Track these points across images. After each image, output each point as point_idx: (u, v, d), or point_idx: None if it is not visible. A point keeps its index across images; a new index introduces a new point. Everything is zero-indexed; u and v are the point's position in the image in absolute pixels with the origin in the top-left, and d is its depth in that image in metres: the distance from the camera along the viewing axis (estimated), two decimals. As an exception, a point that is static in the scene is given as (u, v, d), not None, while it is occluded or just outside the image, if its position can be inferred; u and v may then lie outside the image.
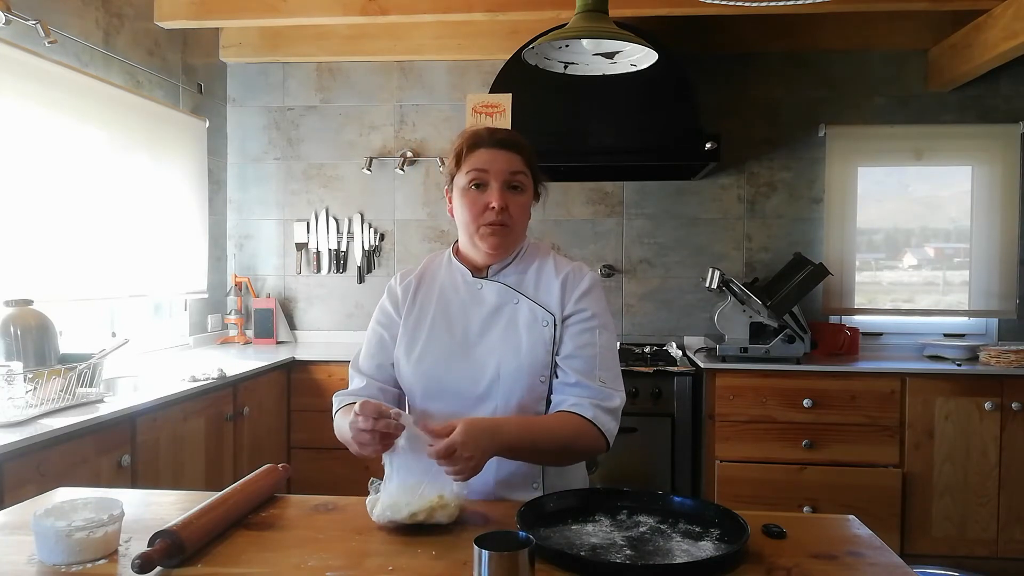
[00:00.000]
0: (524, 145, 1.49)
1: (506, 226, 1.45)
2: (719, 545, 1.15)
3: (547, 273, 1.52)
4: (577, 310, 1.48)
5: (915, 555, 3.13)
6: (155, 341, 3.45)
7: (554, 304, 1.49)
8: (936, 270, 3.84)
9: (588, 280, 1.51)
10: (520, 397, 1.44)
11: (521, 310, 1.49)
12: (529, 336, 1.46)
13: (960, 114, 3.70)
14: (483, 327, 1.49)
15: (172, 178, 3.45)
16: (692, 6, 3.08)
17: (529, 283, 1.52)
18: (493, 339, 1.47)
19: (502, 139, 1.47)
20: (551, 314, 1.48)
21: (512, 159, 1.46)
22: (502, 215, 1.44)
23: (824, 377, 3.18)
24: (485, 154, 1.46)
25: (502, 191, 1.45)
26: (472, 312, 1.50)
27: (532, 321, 1.47)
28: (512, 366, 1.44)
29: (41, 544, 1.08)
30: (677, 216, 3.86)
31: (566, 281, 1.50)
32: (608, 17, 2.17)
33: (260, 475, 1.36)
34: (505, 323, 1.48)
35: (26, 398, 2.04)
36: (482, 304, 1.50)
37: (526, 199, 1.49)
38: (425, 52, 3.89)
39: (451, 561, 1.10)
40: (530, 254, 1.56)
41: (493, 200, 1.44)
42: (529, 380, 1.45)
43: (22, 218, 2.55)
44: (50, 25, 2.60)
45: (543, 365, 1.46)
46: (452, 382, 1.46)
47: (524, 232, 1.54)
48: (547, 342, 1.46)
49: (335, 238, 4.01)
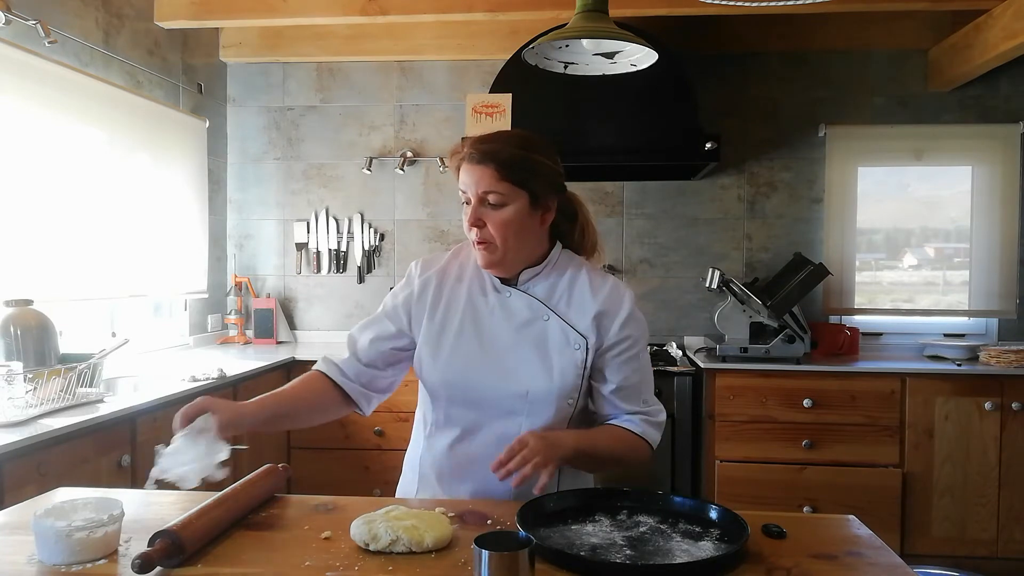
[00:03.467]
0: (496, 156, 1.37)
1: (488, 243, 1.40)
2: (719, 545, 1.15)
3: (580, 289, 1.47)
4: (621, 339, 1.45)
5: (915, 555, 3.13)
6: (155, 341, 3.45)
7: (586, 326, 1.44)
8: (936, 270, 3.84)
9: (628, 305, 1.46)
10: (547, 418, 1.43)
11: (552, 328, 1.45)
12: (560, 359, 1.43)
13: (960, 114, 3.70)
14: (513, 340, 1.45)
15: (172, 178, 3.45)
16: (692, 6, 3.08)
17: (561, 298, 1.47)
18: (524, 355, 1.44)
19: (471, 154, 1.39)
20: (583, 337, 1.44)
21: (483, 174, 1.37)
22: (481, 233, 1.39)
23: (824, 377, 3.18)
24: (464, 171, 1.40)
25: (476, 208, 1.39)
26: (500, 322, 1.46)
27: (564, 343, 1.44)
28: (543, 388, 1.42)
29: (41, 544, 1.08)
30: (677, 216, 3.86)
31: (605, 306, 1.45)
32: (608, 17, 2.17)
33: (260, 475, 1.36)
34: (535, 340, 1.44)
35: (26, 398, 2.04)
36: (511, 315, 1.46)
37: (508, 213, 1.38)
38: (425, 52, 3.89)
39: (451, 561, 1.10)
40: (562, 263, 1.50)
41: (468, 218, 1.40)
42: (558, 403, 1.43)
43: (22, 218, 2.54)
44: (50, 25, 2.60)
45: (573, 388, 1.44)
46: (480, 392, 1.44)
47: (530, 245, 1.45)
48: (578, 366, 1.43)
49: (335, 238, 4.01)
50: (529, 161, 1.41)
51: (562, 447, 1.32)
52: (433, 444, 1.51)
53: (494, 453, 1.32)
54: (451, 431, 1.48)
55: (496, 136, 1.43)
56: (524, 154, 1.41)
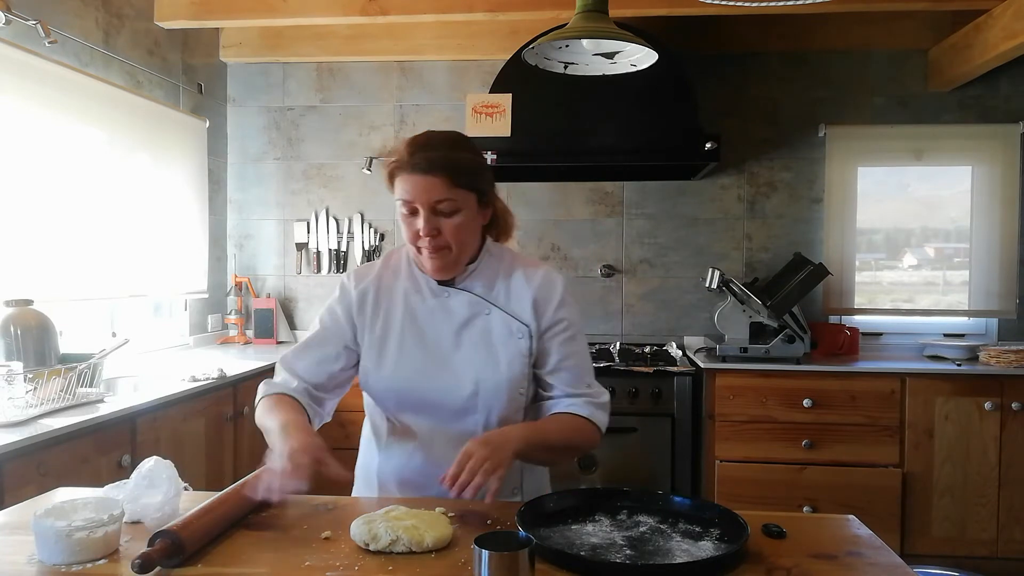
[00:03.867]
0: (446, 164, 1.36)
1: (444, 249, 1.39)
2: (719, 545, 1.15)
3: (517, 281, 1.49)
4: (556, 321, 1.47)
5: (915, 555, 3.13)
6: (155, 341, 3.45)
7: (527, 315, 1.46)
8: (936, 270, 3.84)
9: (560, 289, 1.49)
10: (501, 410, 1.44)
11: (494, 321, 1.46)
12: (506, 350, 1.44)
13: (960, 114, 3.69)
14: (456, 338, 1.45)
15: (172, 178, 3.45)
16: (692, 6, 3.08)
17: (499, 292, 1.48)
18: (468, 351, 1.44)
19: (418, 163, 1.35)
20: (525, 325, 1.46)
21: (433, 184, 1.35)
22: (435, 240, 1.38)
23: (824, 377, 3.18)
24: (407, 181, 1.36)
25: (430, 218, 1.36)
26: (442, 322, 1.46)
27: (507, 334, 1.45)
28: (492, 381, 1.43)
29: (41, 544, 1.08)
30: (677, 216, 3.86)
31: (539, 292, 1.47)
32: (608, 17, 2.17)
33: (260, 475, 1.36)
34: (479, 335, 1.45)
35: (26, 398, 2.04)
36: (451, 315, 1.46)
37: (461, 219, 1.38)
38: (425, 52, 3.89)
39: (451, 561, 1.10)
40: (495, 257, 1.51)
41: (422, 229, 1.37)
42: (509, 394, 1.44)
43: (22, 218, 2.54)
44: (50, 25, 2.60)
45: (522, 376, 1.45)
46: (430, 395, 1.44)
47: (475, 243, 1.46)
48: (524, 354, 1.45)
49: (335, 238, 4.01)
50: (474, 162, 1.42)
51: (509, 445, 1.30)
52: (390, 454, 1.50)
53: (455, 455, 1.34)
54: (407, 438, 1.47)
55: (435, 141, 1.39)
56: (469, 156, 1.41)
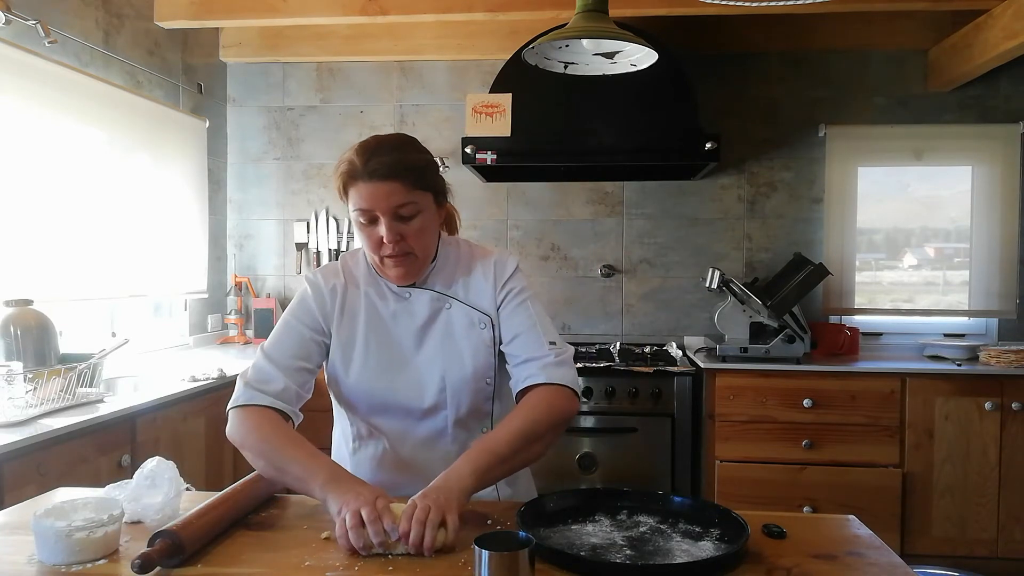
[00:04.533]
0: (402, 166, 1.33)
1: (409, 254, 1.38)
2: (719, 545, 1.15)
3: (475, 273, 1.48)
4: (507, 293, 1.46)
5: (915, 555, 3.13)
6: (155, 341, 3.45)
7: (487, 303, 1.46)
8: (936, 270, 3.84)
9: (511, 267, 1.48)
10: (469, 403, 1.44)
11: (455, 315, 1.45)
12: (469, 342, 1.44)
13: (960, 114, 3.69)
14: (419, 337, 1.44)
15: (172, 178, 3.45)
16: (692, 6, 3.08)
17: (459, 285, 1.47)
18: (432, 349, 1.44)
19: (376, 170, 1.32)
20: (486, 315, 1.45)
21: (392, 190, 1.32)
22: (400, 246, 1.36)
23: (824, 377, 3.18)
24: (364, 188, 1.32)
25: (392, 224, 1.34)
26: (404, 322, 1.45)
27: (468, 325, 1.45)
28: (457, 376, 1.42)
29: (41, 544, 1.08)
30: (677, 216, 3.86)
31: (494, 278, 1.47)
32: (608, 17, 2.17)
33: (260, 475, 1.36)
34: (442, 331, 1.44)
35: (26, 398, 2.04)
36: (413, 316, 1.45)
37: (422, 221, 1.37)
38: (425, 52, 3.89)
39: (451, 561, 1.10)
40: (451, 251, 1.51)
41: (385, 236, 1.34)
42: (476, 385, 1.44)
43: (22, 218, 2.54)
44: (50, 25, 2.60)
45: (487, 367, 1.45)
46: (397, 397, 1.43)
47: (434, 243, 1.44)
48: (488, 344, 1.45)
49: (335, 238, 4.01)
50: (427, 162, 1.41)
51: (457, 485, 1.20)
52: (361, 458, 1.48)
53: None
54: (377, 442, 1.47)
55: (386, 146, 1.36)
56: (421, 156, 1.40)
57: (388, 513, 1.13)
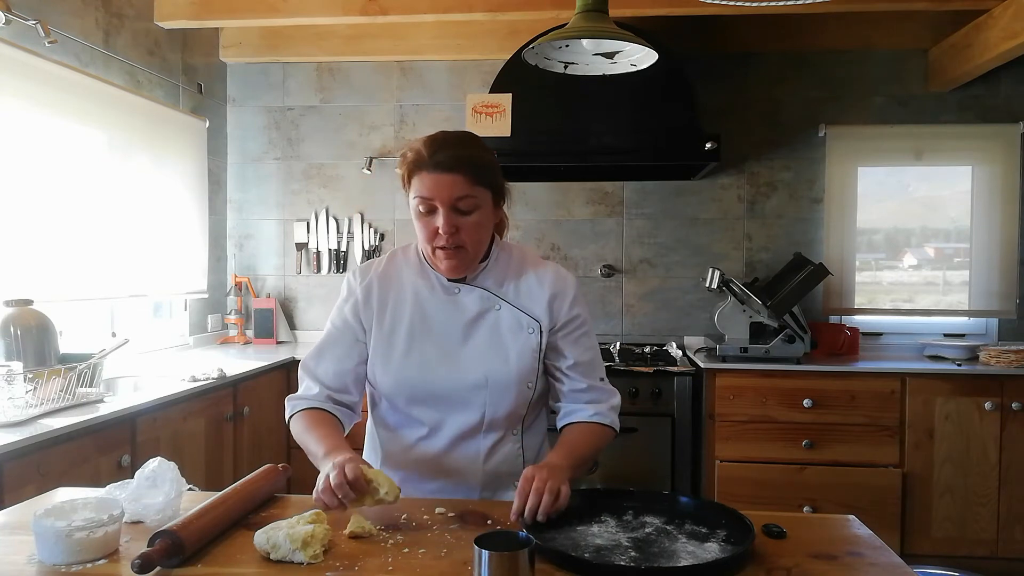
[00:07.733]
0: (468, 161, 1.37)
1: (461, 248, 1.40)
2: (724, 547, 1.14)
3: (528, 278, 1.50)
4: (571, 318, 1.50)
5: (915, 555, 3.13)
6: (155, 341, 3.45)
7: (540, 311, 1.48)
8: (936, 270, 3.84)
9: (573, 287, 1.52)
10: (509, 404, 1.46)
11: (504, 316, 1.47)
12: (515, 344, 1.46)
13: (960, 114, 3.69)
14: (465, 332, 1.47)
15: (172, 178, 3.45)
16: (692, 6, 3.08)
17: (509, 287, 1.49)
18: (478, 345, 1.46)
19: (441, 161, 1.36)
20: (536, 321, 1.47)
21: (455, 182, 1.36)
22: (454, 238, 1.39)
23: (824, 377, 3.18)
24: (428, 179, 1.36)
25: (449, 216, 1.37)
26: (452, 318, 1.47)
27: (517, 328, 1.47)
28: (501, 374, 1.44)
29: (41, 544, 1.08)
30: (677, 216, 3.86)
31: (554, 290, 1.49)
32: (608, 17, 2.16)
33: (260, 475, 1.37)
34: (489, 329, 1.47)
35: (26, 398, 2.04)
36: (462, 310, 1.47)
37: (479, 216, 1.40)
38: (425, 52, 3.89)
39: (451, 561, 1.10)
40: (504, 254, 1.53)
41: (441, 227, 1.38)
42: (518, 387, 1.46)
43: (22, 218, 2.54)
44: (50, 25, 2.60)
45: (531, 371, 1.47)
46: (438, 388, 1.45)
47: (486, 241, 1.47)
48: (534, 349, 1.47)
49: (335, 238, 4.01)
50: (490, 161, 1.44)
51: (561, 463, 1.33)
52: (392, 447, 1.52)
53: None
54: (414, 431, 1.49)
55: (454, 140, 1.40)
56: (486, 154, 1.43)
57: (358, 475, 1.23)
